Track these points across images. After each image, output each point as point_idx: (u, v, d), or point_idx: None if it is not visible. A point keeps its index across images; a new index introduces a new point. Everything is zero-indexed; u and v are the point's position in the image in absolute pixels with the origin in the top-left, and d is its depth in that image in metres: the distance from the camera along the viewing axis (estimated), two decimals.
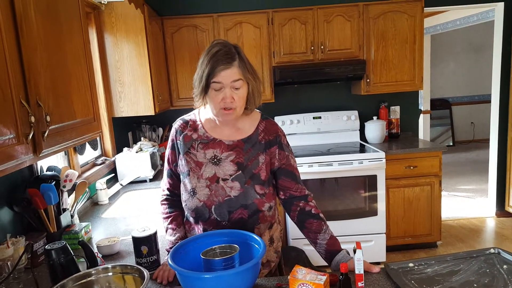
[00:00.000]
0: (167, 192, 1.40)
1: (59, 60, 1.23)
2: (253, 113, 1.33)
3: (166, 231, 1.37)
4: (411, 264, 1.19)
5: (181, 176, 1.32)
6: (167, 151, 1.37)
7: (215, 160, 1.27)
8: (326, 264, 1.30)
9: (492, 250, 1.23)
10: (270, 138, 1.31)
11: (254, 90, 1.25)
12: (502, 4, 3.52)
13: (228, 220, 1.26)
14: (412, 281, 1.10)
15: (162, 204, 1.40)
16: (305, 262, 2.80)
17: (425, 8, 3.18)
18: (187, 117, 1.36)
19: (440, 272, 1.14)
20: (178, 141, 1.32)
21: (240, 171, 1.26)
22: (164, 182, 1.40)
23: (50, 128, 1.09)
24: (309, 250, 2.84)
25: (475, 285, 1.06)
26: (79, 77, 1.37)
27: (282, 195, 1.35)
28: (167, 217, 1.38)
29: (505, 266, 1.14)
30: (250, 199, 1.25)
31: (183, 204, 1.33)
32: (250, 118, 1.32)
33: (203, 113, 1.34)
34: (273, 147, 1.31)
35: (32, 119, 1.00)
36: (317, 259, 2.74)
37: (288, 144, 1.36)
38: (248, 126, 1.31)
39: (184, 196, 1.31)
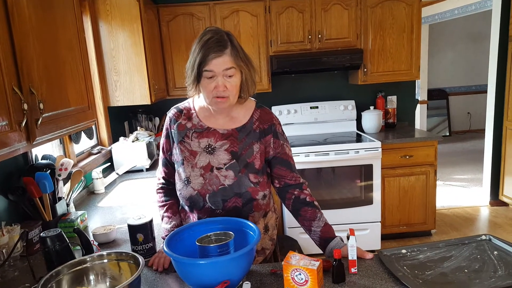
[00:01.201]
0: (163, 181, 1.40)
1: (52, 48, 1.22)
2: (247, 102, 1.32)
3: (162, 219, 1.37)
4: (403, 251, 1.20)
5: (175, 165, 1.33)
6: (162, 140, 1.36)
7: (210, 149, 1.27)
8: (318, 252, 1.31)
9: (483, 237, 1.25)
10: (265, 127, 1.30)
11: (247, 78, 1.24)
12: None
13: (223, 209, 1.27)
14: (404, 267, 1.11)
15: (157, 192, 1.41)
16: (298, 251, 2.82)
17: None
18: (181, 105, 1.35)
19: (432, 258, 1.16)
20: (172, 130, 1.32)
21: (234, 160, 1.26)
22: (160, 170, 1.40)
23: (43, 115, 1.08)
24: (304, 238, 2.86)
25: (466, 270, 1.08)
26: (72, 65, 1.36)
27: (277, 183, 1.35)
28: (163, 205, 1.38)
29: (495, 252, 1.16)
30: (244, 187, 1.25)
31: (178, 193, 1.33)
32: (245, 106, 1.32)
33: (197, 102, 1.34)
34: (268, 136, 1.30)
35: (25, 106, 1.00)
36: (311, 248, 2.76)
37: (283, 133, 1.36)
38: (243, 114, 1.31)
39: (178, 185, 1.32)
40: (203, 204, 1.27)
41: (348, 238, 1.11)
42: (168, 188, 1.40)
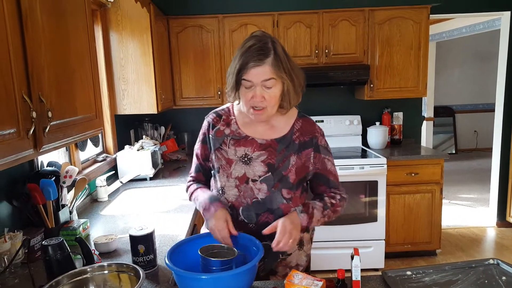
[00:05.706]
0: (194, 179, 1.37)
1: (63, 57, 1.23)
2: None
3: (196, 198, 1.28)
4: (408, 272, 1.18)
5: (212, 171, 1.30)
6: (197, 145, 1.33)
7: (246, 159, 1.22)
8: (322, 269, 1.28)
9: (491, 261, 1.22)
10: (306, 139, 1.24)
11: (289, 89, 1.17)
12: (508, 13, 3.51)
13: (256, 223, 1.22)
14: None
15: (189, 185, 1.36)
16: None
17: (430, 15, 3.17)
18: (220, 110, 1.31)
19: (438, 281, 1.13)
20: (210, 135, 1.28)
21: (270, 173, 1.21)
22: (192, 174, 1.38)
23: (51, 123, 1.08)
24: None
25: None
26: (82, 74, 1.37)
27: (315, 192, 1.33)
28: (197, 188, 1.30)
29: (504, 278, 1.13)
30: (276, 204, 1.21)
31: None
32: (286, 115, 1.26)
33: (237, 106, 1.29)
34: (308, 150, 1.24)
35: (34, 114, 1.00)
36: (316, 265, 2.72)
37: (327, 145, 1.29)
38: (283, 124, 1.25)
39: (214, 192, 1.29)
40: (236, 217, 1.23)
41: (352, 257, 1.09)
42: (199, 182, 1.36)
